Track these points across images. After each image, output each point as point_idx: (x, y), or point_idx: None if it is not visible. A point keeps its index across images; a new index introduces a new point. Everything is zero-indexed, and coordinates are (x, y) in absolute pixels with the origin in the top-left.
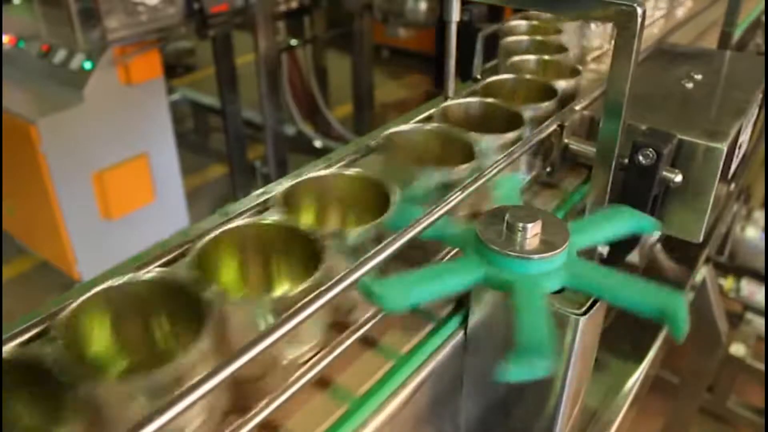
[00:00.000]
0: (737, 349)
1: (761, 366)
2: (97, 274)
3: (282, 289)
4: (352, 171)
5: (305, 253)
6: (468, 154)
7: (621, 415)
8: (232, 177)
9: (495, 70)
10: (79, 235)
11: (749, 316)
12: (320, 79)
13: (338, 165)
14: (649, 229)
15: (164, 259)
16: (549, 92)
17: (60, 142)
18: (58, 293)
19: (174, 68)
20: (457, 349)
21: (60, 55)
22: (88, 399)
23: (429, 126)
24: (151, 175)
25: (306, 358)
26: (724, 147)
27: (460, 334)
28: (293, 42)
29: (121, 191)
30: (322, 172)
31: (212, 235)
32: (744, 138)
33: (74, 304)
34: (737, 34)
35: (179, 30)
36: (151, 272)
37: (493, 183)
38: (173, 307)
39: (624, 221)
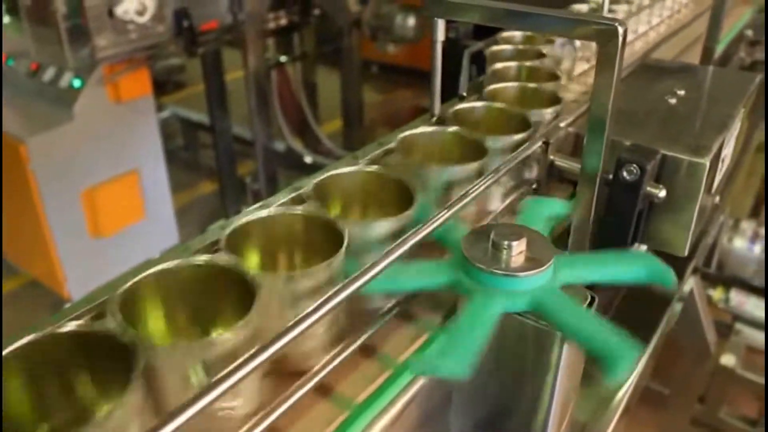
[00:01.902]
0: (728, 359)
1: (752, 376)
2: (86, 293)
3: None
4: (299, 210)
5: (242, 297)
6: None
7: (611, 428)
8: (222, 193)
9: (480, 88)
10: (68, 253)
11: (739, 326)
12: (310, 95)
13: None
14: (667, 281)
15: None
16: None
17: (49, 161)
18: (47, 312)
19: (164, 85)
20: None
21: (49, 74)
22: None
23: (370, 168)
24: (141, 192)
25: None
26: (707, 162)
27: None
28: (283, 58)
29: (110, 209)
30: (264, 212)
31: (132, 282)
32: (727, 152)
33: None
34: (720, 50)
35: (169, 48)
36: (69, 326)
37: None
38: (97, 361)
39: (635, 267)
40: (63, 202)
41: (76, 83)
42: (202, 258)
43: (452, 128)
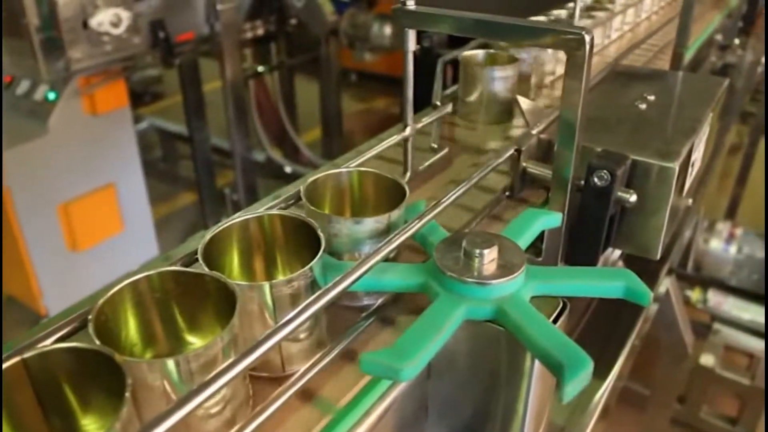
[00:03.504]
0: (707, 359)
1: (732, 376)
2: (63, 308)
3: (192, 341)
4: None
5: (219, 304)
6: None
7: (589, 429)
8: (201, 205)
9: (455, 96)
10: (44, 268)
11: (717, 326)
12: (288, 104)
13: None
14: (643, 300)
15: (65, 330)
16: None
17: (24, 175)
18: (24, 329)
19: (141, 96)
20: (421, 376)
21: (23, 86)
22: None
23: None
24: (119, 205)
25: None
26: (676, 166)
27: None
28: (260, 68)
29: (87, 222)
30: (247, 216)
31: (110, 294)
32: (697, 156)
33: None
34: (691, 54)
35: (145, 59)
36: (56, 345)
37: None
38: (80, 380)
39: (613, 284)
40: (39, 217)
41: (51, 96)
42: (179, 268)
43: None
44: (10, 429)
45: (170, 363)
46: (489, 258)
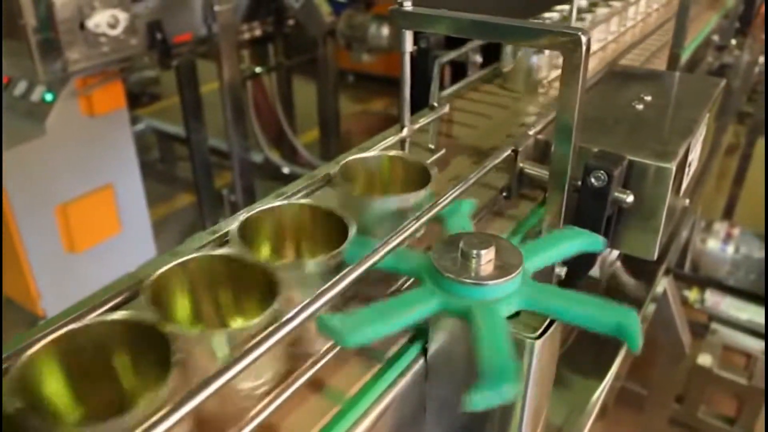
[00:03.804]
0: (705, 359)
1: (729, 375)
2: (61, 310)
3: (237, 323)
4: (306, 201)
5: (260, 286)
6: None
7: (586, 429)
8: (199, 206)
9: (451, 97)
10: (42, 270)
11: (715, 326)
12: (286, 105)
13: (296, 196)
14: (596, 246)
15: (113, 302)
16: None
17: (22, 176)
18: (22, 330)
19: (139, 97)
20: (418, 377)
21: (20, 88)
22: None
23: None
24: (117, 206)
25: (266, 388)
26: (672, 166)
27: (421, 362)
28: (258, 69)
29: (85, 224)
30: (276, 203)
31: (162, 270)
32: (693, 156)
33: (31, 350)
34: (688, 55)
35: (142, 60)
36: (109, 314)
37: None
38: (132, 347)
39: (572, 241)
40: (37, 218)
41: (48, 97)
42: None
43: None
44: (62, 400)
45: (218, 335)
46: (486, 258)
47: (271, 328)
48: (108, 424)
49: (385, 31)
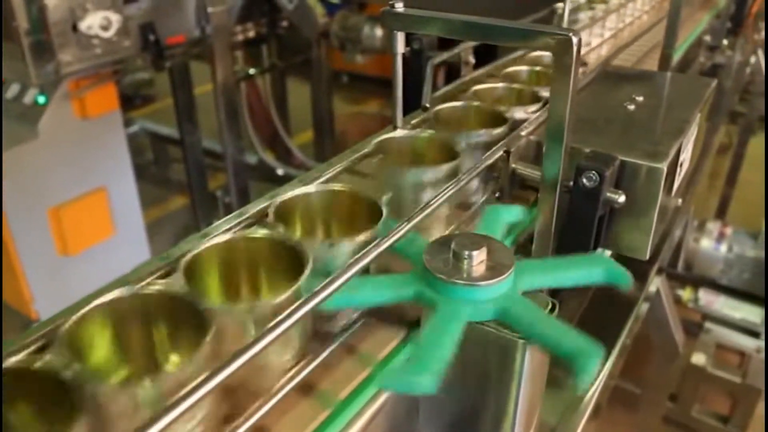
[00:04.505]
0: (698, 358)
1: (723, 374)
2: (54, 313)
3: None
4: (339, 187)
5: (291, 265)
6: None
7: (580, 428)
8: (193, 208)
9: (444, 98)
10: (35, 273)
11: (709, 325)
12: (280, 107)
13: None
14: (624, 281)
15: (152, 277)
16: (496, 120)
17: (14, 179)
18: (15, 334)
19: (132, 99)
20: None
21: (13, 90)
22: (92, 403)
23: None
24: (110, 208)
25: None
26: (664, 167)
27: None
28: (252, 71)
29: (78, 226)
30: (306, 189)
31: (199, 249)
32: (685, 156)
33: (75, 316)
34: (680, 55)
35: (135, 62)
36: (149, 287)
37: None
38: (169, 319)
39: (593, 270)
40: (29, 221)
41: (41, 100)
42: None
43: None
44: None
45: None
46: (478, 259)
47: (296, 304)
48: (143, 385)
49: (379, 32)
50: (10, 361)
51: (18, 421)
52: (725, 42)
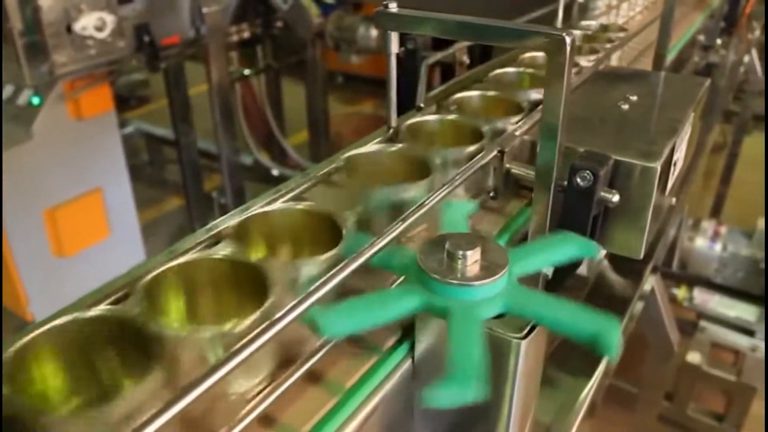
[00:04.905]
0: (694, 356)
1: (718, 373)
2: (49, 314)
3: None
4: (301, 205)
5: (254, 287)
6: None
7: (575, 427)
8: (189, 209)
9: (437, 98)
10: (30, 274)
11: (704, 323)
12: (275, 107)
13: (287, 197)
14: (591, 253)
15: (111, 299)
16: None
17: (9, 180)
18: (9, 335)
19: (127, 100)
20: (406, 377)
21: (7, 91)
22: None
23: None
24: (105, 210)
25: (254, 392)
26: (657, 166)
27: (408, 363)
28: (246, 71)
29: (73, 228)
30: (270, 207)
31: (157, 271)
32: (679, 155)
33: (19, 343)
34: (674, 55)
35: (130, 63)
36: (97, 310)
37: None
38: (122, 344)
39: (565, 247)
40: (24, 223)
41: (35, 101)
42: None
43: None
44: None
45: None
46: (473, 259)
47: (260, 328)
48: (88, 415)
49: (374, 32)
50: None
51: None
52: (719, 41)
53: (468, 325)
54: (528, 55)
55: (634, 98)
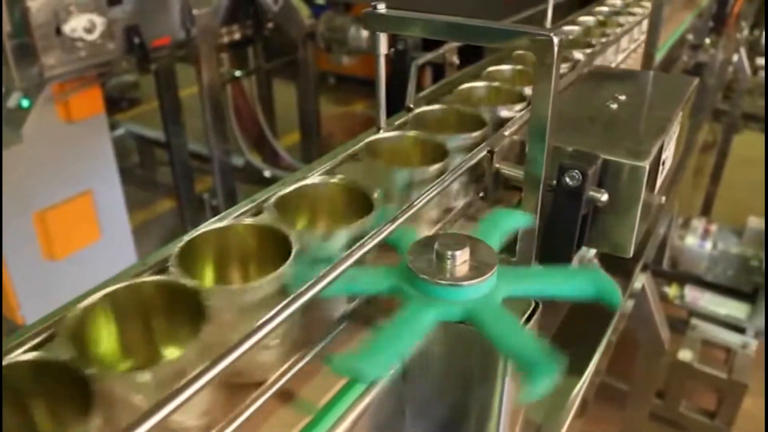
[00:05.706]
0: (685, 354)
1: (710, 370)
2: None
3: (168, 351)
4: (253, 220)
5: (193, 313)
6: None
7: (566, 426)
8: (180, 211)
9: (428, 99)
10: (21, 277)
11: (694, 321)
12: (266, 108)
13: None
14: (614, 300)
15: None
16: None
17: None
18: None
19: (117, 102)
20: (396, 378)
21: None
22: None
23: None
24: (96, 212)
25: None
26: (646, 165)
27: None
28: (237, 73)
29: (64, 231)
30: (221, 224)
31: (87, 303)
32: (667, 154)
33: None
34: (663, 54)
35: (120, 65)
36: (24, 355)
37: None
38: (52, 389)
39: (583, 284)
40: (14, 226)
41: (25, 103)
42: (151, 278)
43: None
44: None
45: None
46: (461, 260)
47: (199, 370)
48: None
49: (365, 33)
50: None
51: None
52: (708, 41)
53: (503, 320)
54: (521, 52)
55: (622, 97)
